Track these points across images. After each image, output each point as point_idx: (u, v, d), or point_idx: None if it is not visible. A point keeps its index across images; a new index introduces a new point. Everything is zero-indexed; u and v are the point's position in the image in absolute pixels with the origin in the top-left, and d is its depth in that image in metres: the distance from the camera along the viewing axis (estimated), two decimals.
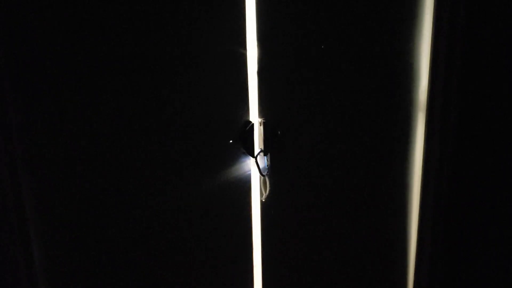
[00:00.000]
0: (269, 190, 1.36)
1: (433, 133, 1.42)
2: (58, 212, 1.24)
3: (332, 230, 1.47)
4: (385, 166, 1.46)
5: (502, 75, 1.36)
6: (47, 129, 1.18)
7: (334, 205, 1.45)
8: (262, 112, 1.31)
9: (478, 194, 1.45)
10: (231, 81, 1.28)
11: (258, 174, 1.34)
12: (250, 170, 1.35)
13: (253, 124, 1.31)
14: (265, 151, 1.33)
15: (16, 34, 1.11)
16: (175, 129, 1.26)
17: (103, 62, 1.17)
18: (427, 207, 1.46)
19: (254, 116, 1.32)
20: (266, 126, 1.31)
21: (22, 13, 1.11)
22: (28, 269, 1.23)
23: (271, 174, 1.36)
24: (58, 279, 1.30)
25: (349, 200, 1.45)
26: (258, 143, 1.33)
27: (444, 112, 1.39)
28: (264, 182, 1.36)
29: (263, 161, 1.35)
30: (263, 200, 1.38)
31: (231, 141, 1.31)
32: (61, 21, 1.12)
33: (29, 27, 1.12)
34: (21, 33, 1.12)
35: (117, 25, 1.15)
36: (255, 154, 1.32)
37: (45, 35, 1.12)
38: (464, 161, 1.41)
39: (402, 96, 1.42)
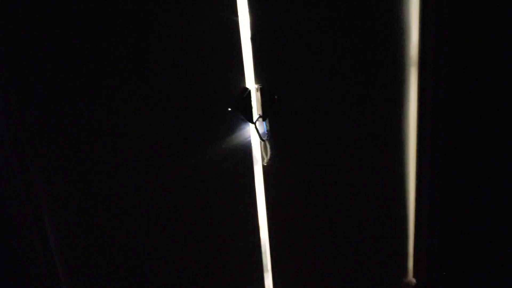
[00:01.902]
0: (270, 154, 1.40)
1: (425, 87, 1.45)
2: (64, 186, 1.27)
3: (331, 188, 1.52)
4: (380, 123, 1.49)
5: (491, 27, 1.37)
6: (44, 112, 1.18)
7: (332, 163, 1.49)
8: (258, 78, 1.32)
9: (471, 144, 1.50)
10: (225, 49, 1.28)
11: (258, 139, 1.37)
12: (250, 136, 1.38)
13: (250, 90, 1.33)
14: (263, 117, 1.35)
15: (21, 35, 1.10)
16: (175, 101, 1.27)
17: (95, 35, 1.16)
18: (424, 160, 1.52)
19: (250, 82, 1.33)
20: (263, 91, 1.32)
21: (24, 13, 1.09)
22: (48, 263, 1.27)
23: (271, 139, 1.39)
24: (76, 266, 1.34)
25: (347, 156, 1.50)
26: (256, 109, 1.35)
27: (435, 66, 1.42)
28: (265, 147, 1.39)
29: (262, 126, 1.37)
30: (265, 164, 1.41)
31: (229, 109, 1.32)
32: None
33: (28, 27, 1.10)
34: (25, 34, 1.11)
35: None
36: (254, 120, 1.35)
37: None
38: (457, 113, 1.45)
39: (393, 52, 1.44)
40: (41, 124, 1.18)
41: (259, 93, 1.32)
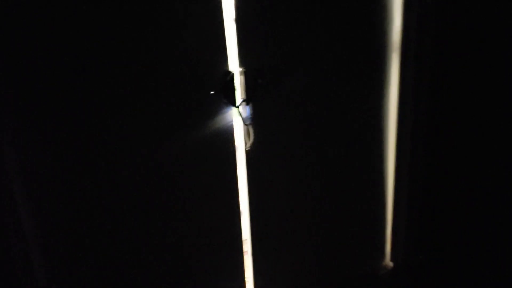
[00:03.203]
0: (253, 139, 1.39)
1: (407, 74, 1.46)
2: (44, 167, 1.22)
3: (313, 173, 1.53)
4: (363, 107, 1.50)
5: (477, 11, 1.38)
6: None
7: (315, 148, 1.50)
8: (242, 61, 1.30)
9: (450, 129, 1.52)
10: (208, 31, 1.25)
11: (242, 123, 1.35)
12: (233, 120, 1.36)
13: (233, 74, 1.30)
14: (247, 101, 1.33)
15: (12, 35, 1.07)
16: (155, 84, 1.24)
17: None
18: (404, 144, 1.54)
19: (234, 65, 1.30)
20: (247, 75, 1.30)
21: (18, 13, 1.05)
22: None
23: (254, 123, 1.37)
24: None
25: (330, 141, 1.50)
26: (240, 93, 1.33)
27: (417, 52, 1.43)
28: (248, 131, 1.38)
29: (245, 110, 1.35)
30: (247, 149, 1.40)
31: (212, 92, 1.30)
32: None
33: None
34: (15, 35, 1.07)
35: None
36: (237, 104, 1.33)
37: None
38: (438, 99, 1.47)
39: (375, 38, 1.44)
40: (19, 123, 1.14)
41: (243, 77, 1.30)
